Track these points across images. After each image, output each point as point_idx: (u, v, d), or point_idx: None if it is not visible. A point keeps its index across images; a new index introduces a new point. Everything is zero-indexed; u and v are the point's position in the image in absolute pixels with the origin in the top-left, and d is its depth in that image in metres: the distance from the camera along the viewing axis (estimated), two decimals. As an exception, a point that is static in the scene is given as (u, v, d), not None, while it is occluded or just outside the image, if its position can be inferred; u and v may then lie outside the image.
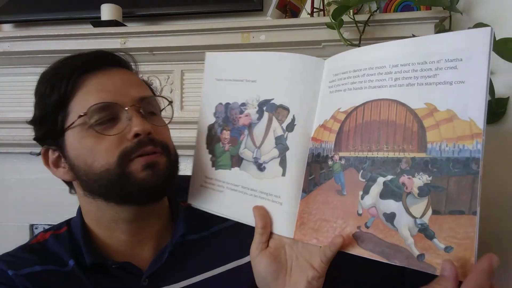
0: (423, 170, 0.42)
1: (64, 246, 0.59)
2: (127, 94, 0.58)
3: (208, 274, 0.64)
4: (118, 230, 0.60)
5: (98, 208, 0.58)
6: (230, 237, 0.69)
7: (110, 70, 0.60)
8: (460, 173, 0.41)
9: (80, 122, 0.55)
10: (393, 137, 0.45)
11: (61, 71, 0.57)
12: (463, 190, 0.41)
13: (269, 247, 0.56)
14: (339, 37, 0.94)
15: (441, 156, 0.41)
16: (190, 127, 1.17)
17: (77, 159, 0.56)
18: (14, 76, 1.28)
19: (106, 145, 0.54)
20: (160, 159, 0.56)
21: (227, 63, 0.62)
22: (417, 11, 0.99)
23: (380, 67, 0.47)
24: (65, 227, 0.62)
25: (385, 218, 0.45)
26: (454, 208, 0.41)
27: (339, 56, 0.52)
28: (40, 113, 0.58)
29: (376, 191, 0.46)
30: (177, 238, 0.62)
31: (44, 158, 0.60)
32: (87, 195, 0.58)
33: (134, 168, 0.54)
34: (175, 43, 1.12)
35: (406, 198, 0.43)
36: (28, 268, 0.55)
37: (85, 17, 1.26)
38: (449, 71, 0.42)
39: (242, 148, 0.58)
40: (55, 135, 0.57)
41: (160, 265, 0.60)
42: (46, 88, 0.57)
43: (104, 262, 0.57)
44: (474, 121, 0.40)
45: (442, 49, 0.43)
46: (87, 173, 0.55)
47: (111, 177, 0.54)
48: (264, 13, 1.17)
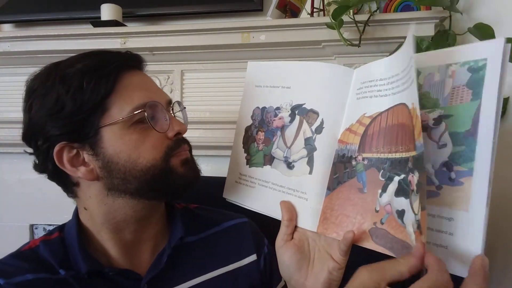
0: (417, 167, 0.44)
1: (54, 254, 0.58)
2: (162, 96, 0.61)
3: (208, 276, 0.64)
4: (126, 230, 0.60)
5: (114, 208, 0.58)
6: (229, 239, 0.69)
7: (140, 72, 0.62)
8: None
9: (126, 119, 0.55)
10: (405, 138, 0.47)
11: (103, 66, 0.55)
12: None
13: (293, 239, 0.58)
14: (339, 37, 0.95)
15: (420, 152, 0.43)
16: (190, 127, 1.16)
17: (117, 156, 0.55)
18: (14, 76, 1.28)
19: (153, 141, 0.56)
20: (190, 156, 0.62)
21: (266, 72, 0.68)
22: (417, 11, 0.99)
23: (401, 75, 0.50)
24: (56, 233, 0.61)
25: (397, 215, 0.47)
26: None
27: (367, 66, 0.56)
28: (73, 108, 0.53)
29: (392, 189, 0.48)
30: (176, 241, 0.62)
31: (57, 157, 0.55)
32: (110, 194, 0.57)
33: (174, 164, 0.58)
34: (175, 43, 1.12)
35: (411, 195, 0.44)
36: (20, 276, 0.54)
37: (85, 17, 1.26)
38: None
39: (274, 148, 0.63)
40: (86, 131, 0.55)
41: (159, 269, 0.60)
42: (85, 83, 0.54)
43: (101, 270, 0.57)
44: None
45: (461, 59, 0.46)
46: (129, 170, 0.55)
47: (156, 172, 0.56)
48: (264, 13, 1.17)
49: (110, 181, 0.56)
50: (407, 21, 0.98)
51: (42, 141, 0.56)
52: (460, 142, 0.44)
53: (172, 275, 0.61)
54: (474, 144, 0.43)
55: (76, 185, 0.59)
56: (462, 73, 0.45)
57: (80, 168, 0.56)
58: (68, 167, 0.56)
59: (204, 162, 1.20)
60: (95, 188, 0.58)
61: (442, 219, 0.45)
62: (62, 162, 0.56)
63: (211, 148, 1.18)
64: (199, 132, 1.18)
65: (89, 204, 0.59)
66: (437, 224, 0.45)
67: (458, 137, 0.45)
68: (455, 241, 0.43)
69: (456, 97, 0.46)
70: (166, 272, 0.61)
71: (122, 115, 0.55)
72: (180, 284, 0.62)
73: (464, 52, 0.46)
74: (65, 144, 0.55)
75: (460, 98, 0.45)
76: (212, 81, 1.18)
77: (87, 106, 0.54)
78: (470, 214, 0.42)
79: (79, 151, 0.56)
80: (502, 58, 0.42)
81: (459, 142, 0.44)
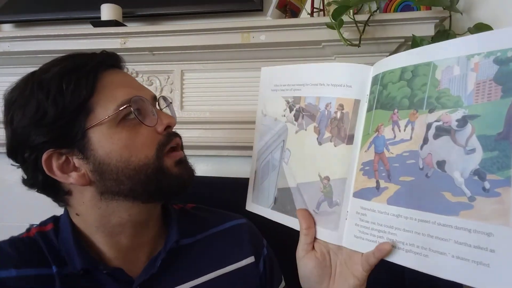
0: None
1: (49, 248, 0.56)
2: (146, 92, 0.59)
3: (204, 278, 0.63)
4: (122, 235, 0.58)
5: (108, 212, 0.56)
6: (226, 240, 0.68)
7: (120, 70, 0.61)
8: None
9: (112, 117, 0.53)
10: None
11: (81, 67, 0.54)
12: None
13: (315, 251, 0.57)
14: (339, 37, 0.94)
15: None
16: (190, 127, 1.17)
17: (108, 157, 0.53)
18: (14, 76, 1.26)
19: (143, 139, 0.55)
20: (183, 156, 0.60)
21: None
22: (417, 11, 0.99)
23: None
24: (51, 224, 0.59)
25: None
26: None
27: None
28: (55, 113, 0.52)
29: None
30: (171, 244, 0.61)
31: (46, 165, 0.54)
32: (103, 198, 0.55)
33: (168, 163, 0.56)
34: (175, 43, 1.12)
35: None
36: (4, 270, 0.52)
37: (85, 17, 1.26)
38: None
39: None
40: (73, 135, 0.53)
41: (152, 273, 0.58)
42: (65, 85, 0.52)
43: (96, 267, 0.55)
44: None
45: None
46: (122, 170, 0.53)
47: (149, 171, 0.54)
48: (264, 13, 1.17)
49: (102, 184, 0.54)
50: (407, 21, 0.97)
51: (28, 152, 0.54)
52: (491, 147, 0.39)
53: (166, 278, 0.60)
54: (510, 149, 0.38)
55: (68, 193, 0.57)
56: (488, 65, 0.39)
57: (72, 174, 0.54)
58: (59, 174, 0.54)
59: (204, 162, 1.21)
60: (88, 193, 0.56)
61: (480, 234, 0.40)
62: (52, 170, 0.54)
63: (211, 148, 1.18)
64: (199, 132, 1.18)
65: (82, 210, 0.57)
66: (475, 240, 0.40)
67: (489, 141, 0.39)
68: (499, 260, 0.38)
69: (483, 94, 0.40)
70: (159, 275, 0.59)
71: (107, 114, 0.53)
72: (174, 286, 0.60)
73: (488, 40, 0.40)
74: (53, 151, 0.53)
75: (487, 95, 0.40)
76: (212, 81, 1.17)
77: (70, 109, 0.52)
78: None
79: (68, 156, 0.54)
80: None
81: (490, 147, 0.39)
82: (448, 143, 0.42)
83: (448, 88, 0.43)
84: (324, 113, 0.58)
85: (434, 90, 0.45)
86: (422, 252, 0.44)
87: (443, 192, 0.43)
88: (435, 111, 0.44)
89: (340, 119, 0.56)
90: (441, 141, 0.43)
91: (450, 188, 0.42)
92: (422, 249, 0.44)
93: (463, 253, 0.41)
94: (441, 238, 0.43)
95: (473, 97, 0.41)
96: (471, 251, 0.40)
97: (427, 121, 0.45)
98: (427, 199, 0.44)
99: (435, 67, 0.45)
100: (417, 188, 0.45)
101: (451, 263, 0.42)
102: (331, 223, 0.55)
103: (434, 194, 0.43)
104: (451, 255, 0.42)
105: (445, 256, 0.42)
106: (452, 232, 0.42)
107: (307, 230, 0.56)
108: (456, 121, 0.42)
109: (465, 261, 0.40)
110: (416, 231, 0.45)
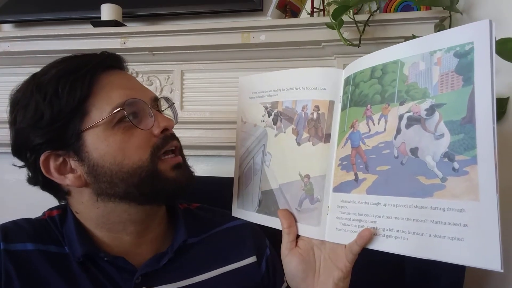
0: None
1: (58, 231, 0.58)
2: (145, 93, 0.59)
3: (206, 276, 0.63)
4: (124, 232, 0.59)
5: (107, 211, 0.57)
6: (229, 239, 0.68)
7: (120, 71, 0.60)
8: None
9: (107, 120, 0.53)
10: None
11: (78, 69, 0.54)
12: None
13: (298, 248, 0.57)
14: (339, 37, 0.94)
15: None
16: (190, 127, 1.17)
17: (102, 159, 0.53)
18: (14, 76, 1.28)
19: (137, 141, 0.54)
20: (182, 160, 0.59)
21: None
22: (417, 11, 0.99)
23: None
24: (58, 210, 0.61)
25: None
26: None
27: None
28: (51, 115, 0.52)
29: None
30: (178, 244, 0.61)
31: (44, 166, 0.55)
32: (99, 199, 0.56)
33: (164, 168, 0.56)
34: (175, 43, 1.12)
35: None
36: (20, 243, 0.54)
37: (85, 17, 1.26)
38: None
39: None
40: (68, 137, 0.53)
41: (156, 268, 0.59)
42: (61, 88, 0.53)
43: (96, 255, 0.56)
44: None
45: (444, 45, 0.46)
46: (115, 172, 0.53)
47: (143, 174, 0.54)
48: (264, 13, 1.17)
49: (97, 186, 0.55)
50: (407, 21, 0.98)
51: (29, 153, 0.56)
52: (458, 131, 0.43)
53: (169, 273, 0.61)
54: (473, 130, 0.42)
55: (68, 193, 0.58)
56: (449, 59, 0.44)
57: (68, 176, 0.55)
58: (56, 175, 0.55)
59: (204, 162, 1.21)
60: (85, 194, 0.57)
61: (453, 211, 0.43)
62: (49, 171, 0.55)
63: (211, 148, 1.18)
64: (199, 132, 1.18)
65: (81, 208, 0.58)
66: (449, 217, 0.43)
67: (455, 125, 0.43)
68: (471, 233, 0.41)
69: (447, 85, 0.45)
70: (162, 270, 0.60)
71: (102, 117, 0.53)
72: (176, 281, 0.60)
73: (447, 37, 0.45)
74: (50, 153, 0.54)
75: (450, 85, 0.44)
76: (212, 81, 1.17)
77: (65, 111, 0.52)
78: (482, 203, 0.41)
79: (65, 158, 0.55)
80: (490, 40, 0.41)
81: (456, 131, 0.43)
82: (419, 131, 0.46)
83: (416, 82, 0.48)
84: (301, 115, 0.60)
85: (403, 84, 0.49)
86: (401, 236, 0.47)
87: (418, 176, 0.46)
88: (405, 103, 0.48)
89: (316, 119, 0.58)
90: (413, 129, 0.47)
91: (423, 172, 0.46)
92: (401, 232, 0.47)
93: (439, 231, 0.43)
94: (418, 220, 0.45)
95: (439, 88, 0.45)
96: (446, 228, 0.43)
97: (399, 113, 0.49)
98: (403, 185, 0.47)
99: (403, 64, 0.49)
100: (393, 176, 0.48)
101: (430, 243, 0.44)
102: (314, 219, 0.57)
103: (409, 179, 0.47)
104: (429, 235, 0.44)
105: (423, 236, 0.45)
106: (428, 212, 0.45)
107: (289, 229, 0.57)
108: (425, 110, 0.46)
109: (441, 239, 0.43)
110: (394, 216, 0.48)
